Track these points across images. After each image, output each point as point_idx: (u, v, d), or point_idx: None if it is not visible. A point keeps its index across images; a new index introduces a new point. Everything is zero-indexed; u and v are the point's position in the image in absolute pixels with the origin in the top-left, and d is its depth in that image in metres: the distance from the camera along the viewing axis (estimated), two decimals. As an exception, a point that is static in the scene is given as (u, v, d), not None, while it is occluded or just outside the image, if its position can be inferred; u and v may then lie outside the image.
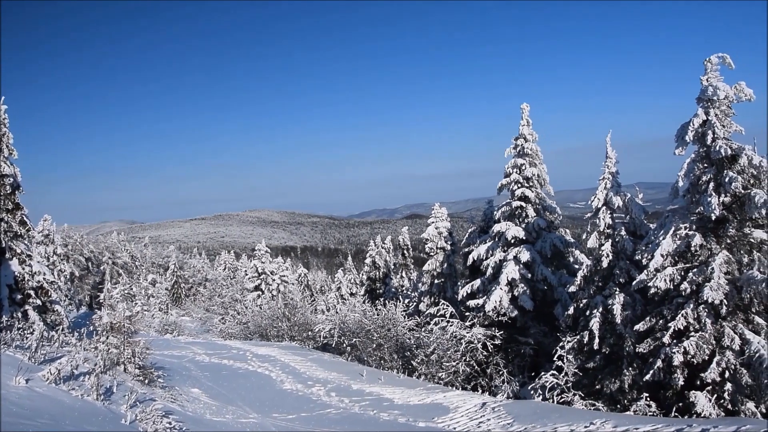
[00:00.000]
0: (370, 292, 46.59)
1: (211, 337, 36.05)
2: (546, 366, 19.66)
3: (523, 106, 23.80)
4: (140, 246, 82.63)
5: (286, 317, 30.74)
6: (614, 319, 17.93)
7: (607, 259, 18.82)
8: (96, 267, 65.18)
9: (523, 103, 23.81)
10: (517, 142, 23.75)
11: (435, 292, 29.13)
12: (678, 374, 15.42)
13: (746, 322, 15.34)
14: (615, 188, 19.34)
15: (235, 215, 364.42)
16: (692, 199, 16.36)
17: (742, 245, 15.72)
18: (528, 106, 23.80)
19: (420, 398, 16.61)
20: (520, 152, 23.65)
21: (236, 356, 22.64)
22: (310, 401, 16.28)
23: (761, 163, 15.14)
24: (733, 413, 14.67)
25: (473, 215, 30.15)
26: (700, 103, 15.95)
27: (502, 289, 21.88)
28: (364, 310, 24.35)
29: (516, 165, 23.53)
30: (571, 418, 12.79)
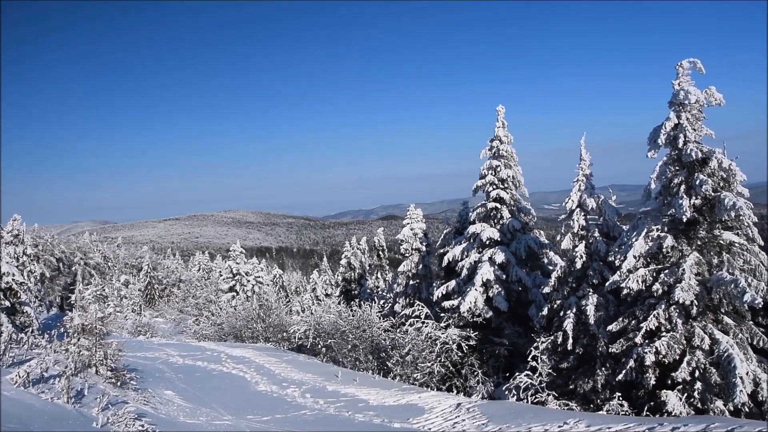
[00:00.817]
0: (346, 293, 46.50)
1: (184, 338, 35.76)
2: (520, 366, 19.77)
3: (498, 108, 23.90)
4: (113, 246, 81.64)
5: (260, 318, 30.58)
6: (588, 320, 18.10)
7: (581, 260, 18.99)
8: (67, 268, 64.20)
9: (498, 105, 23.91)
10: (493, 143, 23.85)
11: (410, 293, 29.16)
12: (650, 374, 15.62)
13: (716, 322, 15.59)
14: (589, 190, 19.52)
15: (210, 216, 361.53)
16: (664, 201, 16.59)
17: (712, 247, 15.98)
18: (503, 108, 23.91)
19: (395, 399, 16.63)
20: (496, 154, 23.76)
21: (210, 358, 22.47)
22: (285, 402, 16.22)
23: (731, 166, 15.42)
24: (702, 411, 14.89)
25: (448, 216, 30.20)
26: (672, 106, 16.18)
27: (477, 290, 21.96)
28: (340, 311, 24.31)
29: (491, 167, 23.63)
30: (545, 417, 12.90)
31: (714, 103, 15.88)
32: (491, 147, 23.86)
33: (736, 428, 9.72)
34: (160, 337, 35.25)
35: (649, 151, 16.47)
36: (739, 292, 14.41)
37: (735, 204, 14.70)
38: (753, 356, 15.17)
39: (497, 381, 21.17)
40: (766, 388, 14.77)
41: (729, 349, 14.55)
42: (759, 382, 14.77)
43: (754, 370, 14.82)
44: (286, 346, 27.54)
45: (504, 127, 23.88)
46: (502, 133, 23.80)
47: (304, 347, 25.79)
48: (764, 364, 15.38)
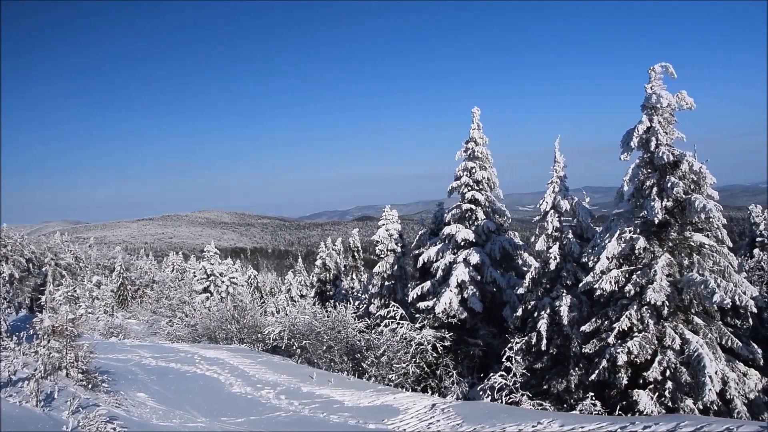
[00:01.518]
0: (321, 293, 46.41)
1: (158, 340, 35.38)
2: (495, 367, 19.89)
3: (474, 110, 24.04)
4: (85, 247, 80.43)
5: (235, 319, 30.37)
6: (561, 321, 18.26)
7: (555, 261, 19.17)
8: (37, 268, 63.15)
9: (474, 107, 24.05)
10: (468, 145, 23.97)
11: (385, 294, 29.16)
12: (622, 374, 15.81)
13: (686, 323, 15.83)
14: (563, 192, 19.70)
15: (184, 216, 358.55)
16: (636, 203, 16.80)
17: (683, 248, 16.23)
18: (479, 109, 24.07)
19: (370, 400, 16.63)
20: (471, 155, 23.87)
21: (184, 359, 22.27)
22: (260, 404, 16.14)
23: (701, 169, 15.67)
24: (673, 410, 15.10)
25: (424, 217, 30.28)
26: (645, 110, 16.40)
27: (452, 291, 22.04)
28: (315, 312, 24.25)
29: (466, 168, 23.74)
30: (519, 418, 12.99)
31: (685, 107, 16.14)
32: (466, 149, 23.98)
33: (704, 426, 9.89)
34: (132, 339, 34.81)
35: (622, 154, 16.67)
36: (708, 292, 14.64)
37: (705, 206, 14.94)
38: (722, 356, 15.43)
39: (472, 381, 21.27)
40: (733, 386, 15.05)
41: (699, 348, 14.78)
42: (727, 380, 15.03)
43: (722, 369, 15.07)
44: (260, 347, 27.39)
45: (479, 129, 24.02)
46: (478, 134, 23.93)
47: (278, 348, 25.67)
48: (732, 364, 15.67)
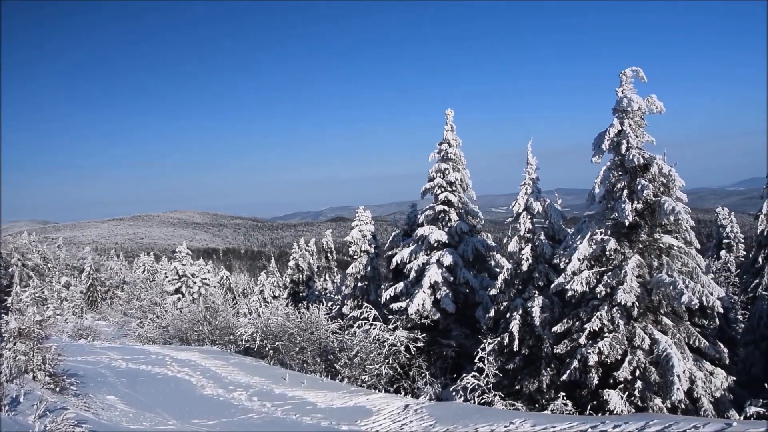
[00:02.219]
0: (294, 295, 46.22)
1: (128, 341, 34.91)
2: (467, 368, 19.98)
3: (447, 112, 24.13)
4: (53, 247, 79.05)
5: (207, 321, 30.12)
6: (533, 321, 18.41)
7: (527, 262, 19.31)
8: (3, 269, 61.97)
9: (447, 109, 24.14)
10: (441, 147, 24.05)
11: (358, 295, 29.16)
12: (593, 374, 15.98)
13: (655, 323, 16.05)
14: (535, 194, 19.86)
15: (156, 216, 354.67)
16: (607, 205, 17.00)
17: (653, 250, 16.46)
18: (452, 111, 24.15)
19: (343, 401, 16.59)
20: (444, 157, 23.96)
21: (155, 361, 22.03)
22: (232, 406, 16.02)
23: (670, 172, 15.92)
24: (642, 409, 15.31)
25: (397, 219, 30.34)
26: (616, 113, 16.61)
27: (425, 292, 22.10)
28: (287, 314, 24.14)
29: (440, 169, 23.82)
30: (491, 418, 13.06)
31: (655, 111, 16.39)
32: (440, 150, 24.07)
33: (672, 424, 10.04)
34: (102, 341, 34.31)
35: (594, 156, 16.86)
36: (677, 293, 14.87)
37: (674, 209, 15.18)
38: (689, 355, 15.68)
39: (445, 382, 21.35)
40: (701, 385, 15.32)
41: (668, 348, 15.00)
42: (695, 379, 15.28)
43: (690, 368, 15.32)
44: (232, 348, 27.20)
45: (453, 131, 24.12)
46: (451, 136, 24.03)
47: (251, 350, 25.51)
48: (699, 363, 15.93)
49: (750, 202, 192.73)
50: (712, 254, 36.31)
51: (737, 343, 21.58)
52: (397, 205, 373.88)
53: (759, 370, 20.96)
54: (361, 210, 30.72)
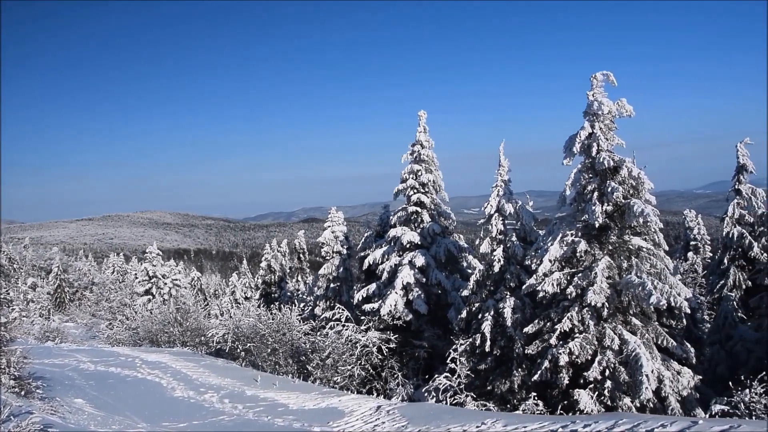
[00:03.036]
0: (266, 296, 45.98)
1: (97, 343, 34.41)
2: (440, 368, 20.05)
3: (420, 113, 24.20)
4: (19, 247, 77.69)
5: (177, 322, 29.81)
6: (505, 322, 18.55)
7: (499, 264, 19.46)
8: (-33, 270, 60.77)
9: (420, 111, 24.21)
10: (414, 148, 24.12)
11: (331, 296, 29.12)
12: (563, 374, 16.15)
13: (625, 323, 16.28)
14: (507, 196, 20.01)
15: (126, 216, 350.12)
16: (578, 207, 17.20)
17: (622, 251, 16.70)
18: (425, 113, 24.23)
19: (315, 403, 16.54)
20: (417, 158, 24.04)
21: (124, 363, 21.74)
22: (203, 408, 15.88)
23: (639, 175, 16.18)
24: (612, 409, 15.52)
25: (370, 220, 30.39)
26: (587, 116, 16.82)
27: (397, 293, 22.15)
28: (259, 315, 23.98)
29: (412, 171, 23.89)
30: (463, 418, 13.13)
31: (625, 114, 16.64)
32: (413, 151, 24.13)
33: (641, 423, 10.19)
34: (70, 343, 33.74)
35: (565, 159, 17.06)
36: (646, 294, 15.11)
37: (643, 211, 15.42)
38: (658, 355, 15.94)
39: (417, 383, 21.40)
40: (668, 384, 15.58)
41: (637, 348, 15.23)
42: (662, 379, 15.54)
43: (658, 368, 15.57)
44: (204, 350, 26.95)
45: (425, 132, 24.21)
46: (424, 137, 24.12)
47: (222, 351, 25.31)
48: (667, 363, 16.21)
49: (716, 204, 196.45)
50: (680, 256, 36.90)
51: (703, 343, 21.99)
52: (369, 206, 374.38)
53: (724, 369, 21.35)
54: (334, 211, 30.69)
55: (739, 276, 25.98)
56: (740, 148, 25.88)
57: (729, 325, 22.68)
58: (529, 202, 21.04)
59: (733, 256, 26.36)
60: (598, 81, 16.71)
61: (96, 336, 39.40)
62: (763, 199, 25.67)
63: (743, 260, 26.19)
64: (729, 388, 15.14)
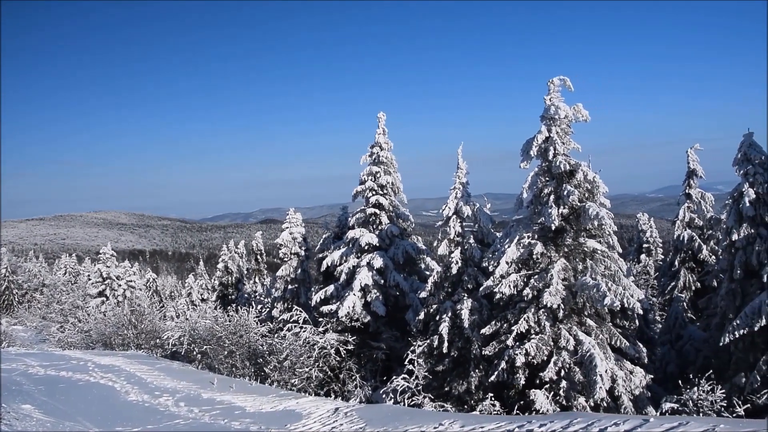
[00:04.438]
0: (223, 297, 45.51)
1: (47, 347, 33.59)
2: (398, 370, 20.10)
3: (379, 115, 24.24)
4: (-36, 248, 75.37)
5: (132, 324, 29.27)
6: (462, 324, 18.68)
7: (457, 265, 19.59)
8: None
9: (379, 112, 24.26)
10: (373, 150, 24.15)
11: (288, 298, 28.94)
12: (520, 374, 16.34)
13: (580, 324, 16.56)
14: (465, 198, 20.16)
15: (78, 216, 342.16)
16: (535, 210, 17.44)
17: (578, 253, 16.98)
18: (384, 115, 24.28)
19: (272, 405, 16.42)
20: (376, 160, 24.07)
21: (76, 367, 21.23)
22: (158, 412, 15.60)
23: (594, 179, 16.48)
24: (567, 408, 15.76)
25: (328, 221, 30.27)
26: (544, 120, 17.07)
27: (355, 295, 22.13)
28: (216, 317, 23.71)
29: (371, 173, 23.91)
30: (421, 420, 13.18)
31: (581, 119, 16.95)
32: (371, 153, 24.16)
33: (595, 422, 10.39)
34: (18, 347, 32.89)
35: (522, 162, 17.27)
36: (600, 296, 15.38)
37: (598, 214, 15.71)
38: (611, 355, 16.24)
39: (375, 385, 21.41)
40: (621, 384, 15.90)
41: (591, 349, 15.50)
42: (616, 378, 15.84)
43: (612, 368, 15.87)
44: (159, 353, 26.52)
45: (384, 134, 24.26)
46: (383, 139, 24.16)
47: (178, 354, 24.94)
48: (620, 362, 16.52)
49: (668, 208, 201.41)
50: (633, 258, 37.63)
51: (655, 343, 22.46)
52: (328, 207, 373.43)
53: (674, 368, 21.87)
54: (292, 212, 30.51)
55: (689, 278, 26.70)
56: (691, 153, 26.60)
57: (679, 325, 23.25)
58: (486, 205, 21.23)
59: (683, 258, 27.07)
60: (555, 86, 16.97)
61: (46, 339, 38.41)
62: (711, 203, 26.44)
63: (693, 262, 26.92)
64: (679, 386, 15.55)
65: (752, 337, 16.92)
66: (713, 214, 26.48)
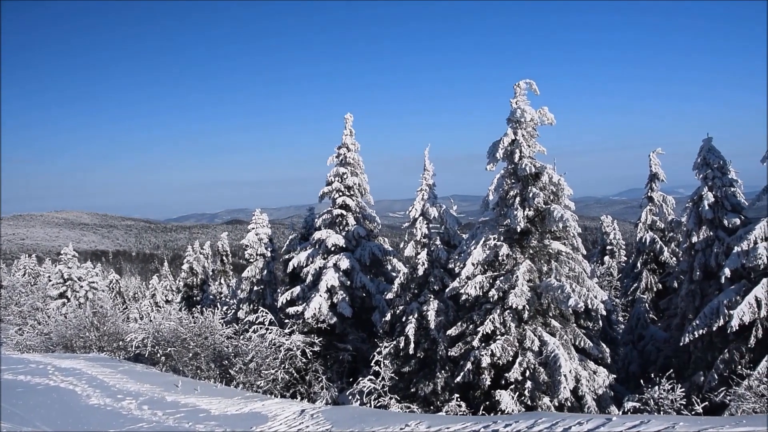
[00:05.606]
0: (187, 299, 45.00)
1: (5, 350, 32.82)
2: (364, 371, 20.09)
3: (346, 116, 24.21)
4: None
5: (94, 326, 28.76)
6: (429, 325, 18.75)
7: (423, 267, 19.64)
8: None
9: (347, 113, 24.23)
10: (340, 151, 24.11)
11: (254, 299, 28.73)
12: (486, 375, 16.47)
13: (544, 325, 16.74)
14: (432, 200, 20.24)
15: (39, 216, 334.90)
16: (501, 212, 17.59)
17: (543, 255, 17.16)
18: (351, 116, 24.27)
19: (238, 408, 16.28)
20: (343, 161, 24.03)
21: (35, 371, 20.77)
22: (120, 416, 15.35)
23: (560, 181, 16.69)
24: (532, 408, 15.92)
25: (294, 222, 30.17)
26: (510, 123, 17.23)
27: (321, 296, 22.06)
28: (180, 318, 23.42)
29: (338, 174, 23.87)
30: (387, 421, 13.18)
31: (546, 122, 17.16)
32: (338, 154, 24.12)
33: (559, 421, 10.50)
34: (-26, 351, 32.11)
35: (489, 164, 17.41)
36: (564, 297, 15.58)
37: (563, 216, 15.91)
38: (575, 355, 16.46)
39: (341, 386, 21.37)
40: (585, 384, 16.12)
41: (555, 349, 15.69)
42: (580, 378, 16.06)
43: (575, 368, 16.08)
44: (122, 355, 26.12)
45: (351, 135, 24.23)
46: (350, 141, 24.14)
47: (141, 356, 24.58)
48: (584, 363, 16.76)
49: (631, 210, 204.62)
50: (597, 260, 38.17)
51: (618, 343, 22.83)
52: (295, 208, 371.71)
53: (636, 367, 22.26)
54: (258, 213, 30.30)
55: (651, 279, 27.21)
56: (653, 157, 27.10)
57: (641, 325, 23.67)
58: (453, 207, 21.34)
59: (645, 260, 27.57)
60: (521, 89, 17.15)
61: (3, 342, 37.53)
62: (673, 206, 26.98)
63: (655, 264, 27.44)
64: (641, 385, 15.81)
65: (710, 337, 17.31)
66: (674, 217, 27.02)
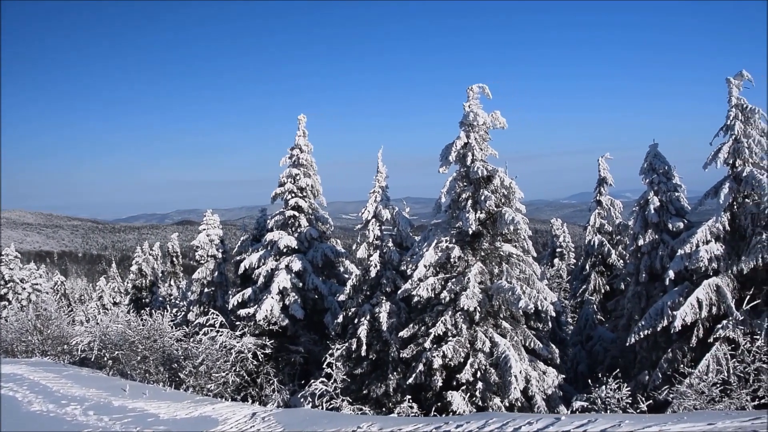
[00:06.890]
0: (136, 301, 44.14)
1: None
2: (316, 373, 19.99)
3: (300, 117, 24.11)
4: None
5: (37, 330, 27.98)
6: (381, 327, 18.78)
7: (375, 269, 19.68)
8: None
9: (300, 114, 24.14)
10: (293, 152, 23.98)
11: (205, 301, 28.33)
12: (437, 376, 16.56)
13: (495, 327, 16.94)
14: (384, 201, 20.29)
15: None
16: (453, 214, 17.74)
17: (494, 257, 17.37)
18: (305, 117, 24.18)
19: (187, 412, 16.02)
20: (296, 162, 23.92)
21: (-28, 377, 20.10)
22: (64, 422, 14.94)
23: (511, 185, 16.93)
24: (483, 409, 16.08)
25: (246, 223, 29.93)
26: (463, 126, 17.40)
27: (273, 298, 21.90)
28: (129, 321, 22.95)
29: (291, 175, 23.74)
30: (339, 423, 13.15)
31: (498, 126, 17.38)
32: (291, 155, 24.00)
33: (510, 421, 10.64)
34: None
35: (441, 167, 17.54)
36: (515, 298, 15.79)
37: (514, 219, 16.14)
38: (526, 356, 16.69)
39: (293, 389, 21.23)
40: (535, 384, 16.37)
41: (506, 351, 15.89)
42: (530, 379, 16.29)
43: (526, 368, 16.31)
44: (67, 359, 25.47)
45: (305, 136, 24.14)
46: (303, 142, 24.04)
47: (88, 360, 23.99)
48: (534, 363, 17.01)
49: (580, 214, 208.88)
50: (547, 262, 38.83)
51: (567, 344, 23.27)
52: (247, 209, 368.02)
53: (584, 367, 22.69)
54: (209, 213, 29.90)
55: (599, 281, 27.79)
56: (602, 162, 27.70)
57: (589, 326, 24.16)
58: (405, 209, 21.44)
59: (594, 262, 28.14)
60: (474, 93, 17.34)
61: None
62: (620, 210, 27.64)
63: (603, 266, 28.04)
64: (589, 385, 16.10)
65: (655, 337, 17.75)
66: (622, 220, 27.68)
